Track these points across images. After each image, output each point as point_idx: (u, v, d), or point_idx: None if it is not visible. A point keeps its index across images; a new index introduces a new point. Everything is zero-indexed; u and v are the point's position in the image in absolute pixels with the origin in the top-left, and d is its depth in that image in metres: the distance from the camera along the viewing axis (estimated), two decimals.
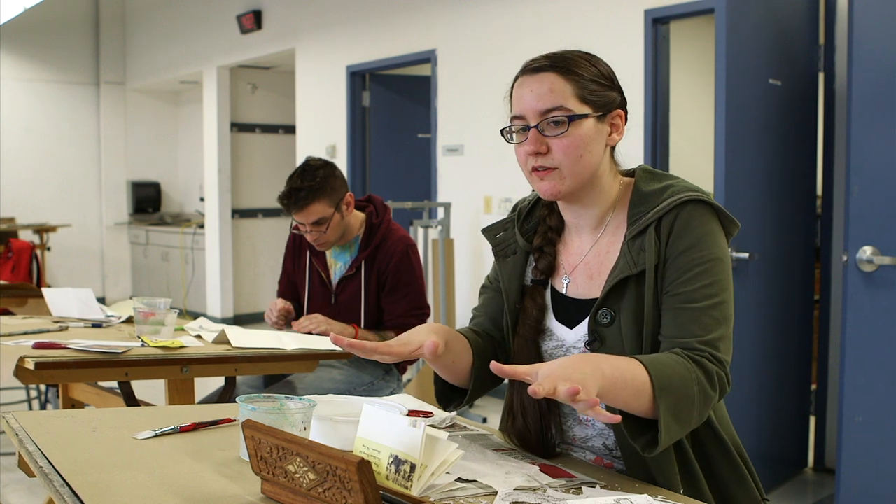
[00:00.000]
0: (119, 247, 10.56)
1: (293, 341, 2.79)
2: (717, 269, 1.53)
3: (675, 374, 1.44)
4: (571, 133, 1.55)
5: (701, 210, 1.55)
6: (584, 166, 1.57)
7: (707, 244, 1.54)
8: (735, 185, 3.64)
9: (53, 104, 10.02)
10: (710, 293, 1.52)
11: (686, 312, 1.51)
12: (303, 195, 3.02)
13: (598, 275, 1.63)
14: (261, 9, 8.01)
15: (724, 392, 1.52)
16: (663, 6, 4.67)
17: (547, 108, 1.55)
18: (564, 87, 1.56)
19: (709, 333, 1.50)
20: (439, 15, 6.22)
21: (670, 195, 1.57)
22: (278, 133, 9.31)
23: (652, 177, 1.65)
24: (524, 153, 1.60)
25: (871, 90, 3.13)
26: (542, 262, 1.70)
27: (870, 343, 3.18)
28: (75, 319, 3.12)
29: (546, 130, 1.56)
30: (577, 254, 1.68)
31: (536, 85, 1.57)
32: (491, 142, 5.78)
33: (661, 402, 1.41)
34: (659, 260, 1.54)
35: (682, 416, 1.45)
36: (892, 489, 3.15)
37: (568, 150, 1.55)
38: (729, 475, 1.60)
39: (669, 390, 1.42)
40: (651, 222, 1.56)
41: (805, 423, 4.34)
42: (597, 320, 1.57)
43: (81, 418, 1.78)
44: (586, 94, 1.56)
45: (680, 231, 1.54)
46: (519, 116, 1.60)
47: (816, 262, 4.41)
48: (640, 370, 1.43)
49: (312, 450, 1.20)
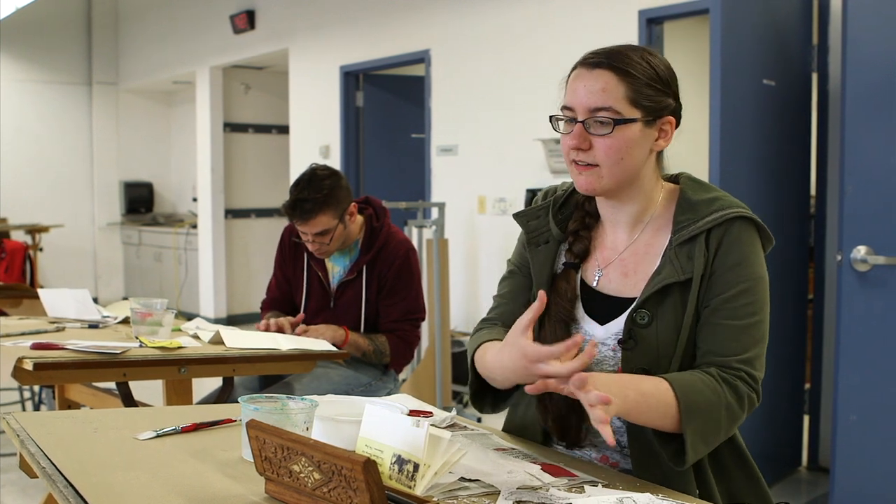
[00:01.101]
0: (111, 247, 10.54)
1: (288, 342, 2.79)
2: (760, 289, 1.58)
3: (703, 398, 1.48)
4: (615, 135, 1.55)
5: (748, 228, 1.59)
6: (624, 169, 1.58)
7: (752, 263, 1.57)
8: (729, 184, 3.65)
9: (46, 104, 9.99)
10: (752, 311, 1.56)
11: (727, 329, 1.54)
12: (308, 207, 2.97)
13: (633, 273, 1.64)
14: (254, 9, 8.00)
15: (752, 409, 1.55)
16: (657, 6, 4.69)
17: (596, 107, 1.55)
18: (617, 87, 1.55)
19: (747, 352, 1.54)
20: (433, 15, 6.23)
21: (720, 208, 1.58)
22: (271, 133, 9.30)
23: (699, 186, 1.66)
24: (568, 144, 1.59)
25: (864, 91, 3.15)
26: (578, 245, 1.69)
27: (864, 342, 3.19)
28: (72, 320, 3.12)
29: (591, 128, 1.56)
30: (611, 249, 1.68)
31: (591, 81, 1.56)
32: (485, 142, 5.79)
33: (687, 426, 1.45)
34: (706, 271, 1.56)
35: (709, 438, 1.50)
36: (886, 487, 3.17)
37: (609, 152, 1.55)
38: (741, 479, 1.62)
39: (696, 414, 1.46)
40: (700, 232, 1.57)
41: (799, 422, 4.36)
42: (634, 320, 1.57)
43: (82, 419, 1.78)
44: (638, 98, 1.56)
45: (729, 247, 1.56)
46: (569, 108, 1.59)
47: (810, 261, 4.43)
48: (667, 393, 1.46)
49: (318, 449, 1.21)
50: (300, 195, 2.99)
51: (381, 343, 3.10)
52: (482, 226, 5.89)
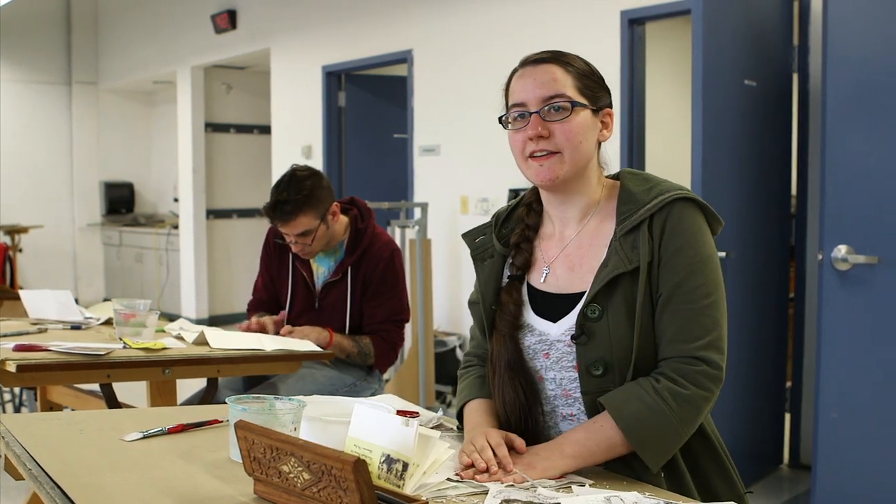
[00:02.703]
0: (92, 248, 10.47)
1: (273, 343, 2.79)
2: (710, 268, 1.58)
3: (650, 423, 1.51)
4: (573, 119, 1.61)
5: (689, 208, 1.60)
6: (582, 154, 1.63)
7: (698, 243, 1.58)
8: (711, 184, 3.67)
9: (24, 104, 9.91)
10: (706, 292, 1.57)
11: (684, 314, 1.56)
12: (288, 208, 2.96)
13: (579, 266, 1.66)
14: (235, 8, 7.97)
15: (713, 397, 1.57)
16: (639, 7, 4.70)
17: (550, 95, 1.61)
18: (565, 77, 1.63)
19: (708, 334, 1.56)
20: (415, 15, 6.22)
21: (659, 193, 1.61)
22: (253, 133, 9.26)
23: (639, 178, 1.69)
24: (522, 139, 1.63)
25: (845, 91, 3.17)
26: (519, 258, 1.72)
27: (845, 340, 3.22)
28: (53, 321, 3.09)
29: (548, 116, 1.60)
30: (557, 246, 1.71)
31: (539, 74, 1.64)
32: (468, 142, 5.79)
33: (645, 455, 1.51)
34: (653, 258, 1.58)
35: (671, 448, 1.54)
36: (868, 485, 3.20)
37: (570, 135, 1.60)
38: (712, 469, 1.63)
39: (649, 443, 1.51)
40: (643, 220, 1.59)
41: (780, 420, 4.39)
42: (585, 315, 1.59)
43: (67, 420, 1.78)
44: (583, 88, 1.64)
45: (673, 230, 1.58)
46: (519, 104, 1.64)
47: (791, 260, 4.46)
48: (609, 433, 1.52)
49: (307, 450, 1.21)
50: (280, 196, 2.98)
51: (365, 345, 3.10)
52: (465, 226, 5.86)
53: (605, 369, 1.57)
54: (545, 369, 1.64)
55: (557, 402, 1.64)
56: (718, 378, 1.56)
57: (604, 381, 1.57)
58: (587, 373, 1.58)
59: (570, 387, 1.62)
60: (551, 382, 1.64)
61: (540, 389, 1.65)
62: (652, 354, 1.58)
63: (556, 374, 1.63)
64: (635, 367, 1.56)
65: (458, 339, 5.80)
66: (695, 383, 1.53)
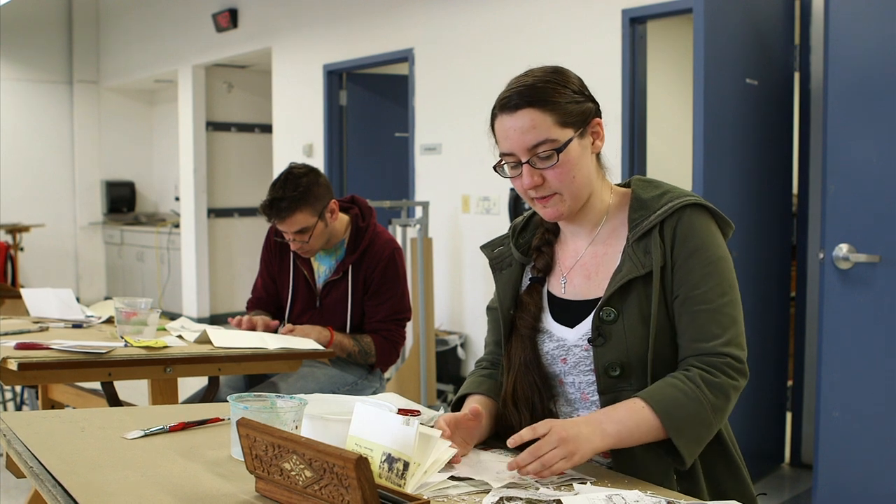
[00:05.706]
0: (93, 247, 10.47)
1: (275, 341, 2.79)
2: (724, 269, 1.62)
3: (684, 408, 1.52)
4: (561, 162, 1.60)
5: (700, 213, 1.63)
6: (580, 184, 1.64)
7: (710, 245, 1.62)
8: (712, 183, 3.67)
9: (26, 103, 9.91)
10: (721, 292, 1.60)
11: (702, 315, 1.59)
12: (284, 205, 2.96)
13: (595, 275, 1.69)
14: (237, 7, 7.97)
15: (740, 390, 1.60)
16: (641, 6, 4.70)
17: (533, 144, 1.60)
18: (544, 118, 1.59)
19: (726, 333, 1.59)
20: (416, 14, 6.22)
21: (669, 200, 1.64)
22: (254, 132, 9.26)
23: (649, 185, 1.71)
24: (521, 186, 1.66)
25: (846, 90, 3.17)
26: (541, 260, 1.76)
27: (846, 339, 3.22)
28: (55, 320, 3.09)
29: (537, 164, 1.61)
30: (573, 256, 1.74)
31: (517, 122, 1.61)
32: (469, 141, 5.79)
33: (677, 439, 1.51)
34: (665, 262, 1.61)
35: (703, 438, 1.56)
36: (869, 484, 3.19)
37: (562, 177, 1.62)
38: (724, 470, 1.64)
39: (682, 424, 1.52)
40: (654, 226, 1.62)
41: (782, 419, 4.39)
42: (601, 318, 1.61)
43: (69, 418, 1.77)
44: (566, 119, 1.61)
45: (684, 235, 1.61)
46: (508, 154, 1.64)
47: (792, 259, 4.46)
48: (647, 414, 1.52)
49: (309, 447, 1.21)
50: (276, 194, 2.98)
51: (366, 343, 3.10)
52: (466, 225, 5.89)
53: (622, 370, 1.60)
54: (564, 374, 1.68)
55: (577, 406, 1.68)
56: (743, 371, 1.59)
57: (621, 381, 1.60)
58: (605, 374, 1.61)
59: (587, 390, 1.66)
60: (570, 386, 1.68)
61: (559, 393, 1.70)
62: (668, 357, 1.61)
63: (574, 379, 1.67)
64: (653, 369, 1.59)
65: (459, 338, 5.81)
66: (723, 373, 1.56)
